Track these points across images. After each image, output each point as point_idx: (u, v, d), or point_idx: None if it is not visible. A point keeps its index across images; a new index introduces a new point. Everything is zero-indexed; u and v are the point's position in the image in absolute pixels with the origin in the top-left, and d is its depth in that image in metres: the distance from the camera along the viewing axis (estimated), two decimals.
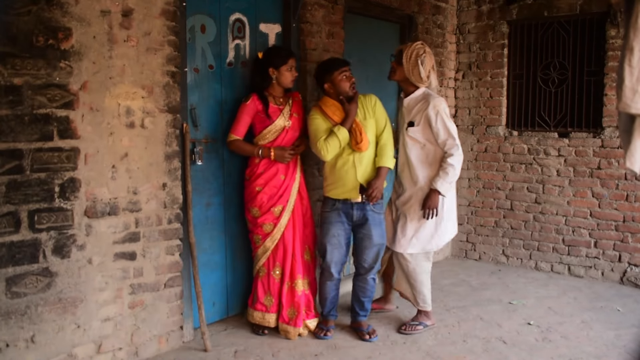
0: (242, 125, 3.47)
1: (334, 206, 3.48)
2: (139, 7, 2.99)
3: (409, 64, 3.55)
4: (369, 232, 3.48)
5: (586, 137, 4.87)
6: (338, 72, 3.41)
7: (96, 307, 2.92)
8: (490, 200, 5.41)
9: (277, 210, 3.48)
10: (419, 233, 3.61)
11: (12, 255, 2.58)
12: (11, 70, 2.53)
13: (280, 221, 3.49)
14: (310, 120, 3.48)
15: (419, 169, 3.58)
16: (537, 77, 5.16)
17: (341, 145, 3.38)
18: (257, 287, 3.56)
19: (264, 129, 3.48)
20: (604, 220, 4.80)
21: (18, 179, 2.58)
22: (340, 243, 3.50)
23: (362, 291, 3.60)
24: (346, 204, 3.46)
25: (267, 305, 3.54)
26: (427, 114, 3.51)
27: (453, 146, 3.48)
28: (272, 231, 3.48)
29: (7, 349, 2.59)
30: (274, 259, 3.52)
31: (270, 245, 3.50)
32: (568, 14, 4.90)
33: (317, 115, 3.46)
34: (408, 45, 3.61)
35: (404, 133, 3.63)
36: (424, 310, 3.74)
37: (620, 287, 4.66)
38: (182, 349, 3.32)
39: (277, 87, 3.54)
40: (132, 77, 2.99)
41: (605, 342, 3.54)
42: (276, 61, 3.49)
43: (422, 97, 3.60)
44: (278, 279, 3.53)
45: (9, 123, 2.55)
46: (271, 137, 3.50)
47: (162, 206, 3.17)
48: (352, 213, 3.46)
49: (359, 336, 3.56)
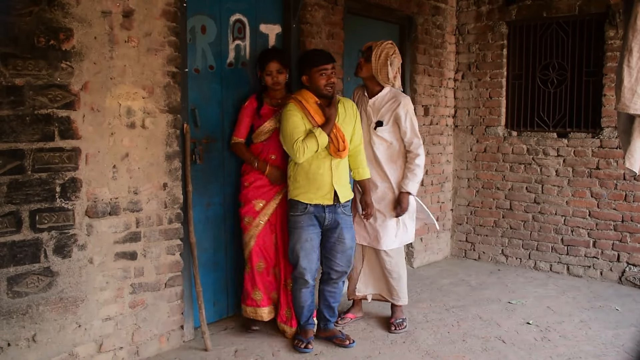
0: (243, 126, 3.53)
1: (305, 210, 3.28)
2: (139, 8, 3.00)
3: (378, 62, 3.53)
4: (342, 236, 3.35)
5: (585, 137, 4.88)
6: (317, 69, 3.24)
7: (97, 307, 2.93)
8: (489, 200, 5.43)
9: (259, 205, 3.48)
10: (400, 228, 3.66)
11: (14, 255, 2.59)
12: (12, 70, 2.54)
13: (260, 216, 3.48)
14: (287, 115, 3.24)
15: (387, 166, 3.63)
16: (536, 77, 5.17)
17: (318, 150, 3.21)
18: (245, 282, 3.58)
19: (258, 129, 3.52)
20: (602, 220, 4.82)
21: (19, 179, 2.59)
22: (313, 247, 3.33)
23: (333, 296, 3.48)
24: (318, 207, 3.29)
25: (257, 299, 3.54)
26: (397, 112, 3.55)
27: (419, 146, 3.58)
28: (251, 224, 3.48)
29: (9, 348, 2.60)
30: (257, 254, 3.51)
31: (248, 239, 3.50)
32: (567, 14, 4.91)
33: (296, 112, 3.24)
34: (378, 43, 3.57)
35: (370, 132, 3.64)
36: (399, 305, 3.77)
37: (619, 286, 4.67)
38: (183, 349, 3.33)
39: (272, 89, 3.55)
40: (133, 77, 3.00)
41: (604, 342, 3.56)
42: (260, 64, 3.56)
43: (392, 96, 3.62)
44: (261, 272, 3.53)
45: (11, 123, 2.55)
46: (263, 137, 3.51)
47: (162, 206, 3.18)
48: (324, 217, 3.30)
49: (337, 344, 3.43)
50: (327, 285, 3.48)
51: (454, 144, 5.63)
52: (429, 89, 5.25)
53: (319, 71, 3.25)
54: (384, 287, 3.80)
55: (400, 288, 3.74)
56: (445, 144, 5.53)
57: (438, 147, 5.44)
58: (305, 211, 3.29)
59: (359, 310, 3.94)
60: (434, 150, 5.38)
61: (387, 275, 3.73)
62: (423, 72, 5.15)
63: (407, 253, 5.24)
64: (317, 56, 3.31)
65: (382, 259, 3.69)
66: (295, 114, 3.23)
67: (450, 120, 5.58)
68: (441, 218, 5.55)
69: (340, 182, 3.33)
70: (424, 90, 5.18)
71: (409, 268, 5.20)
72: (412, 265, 5.23)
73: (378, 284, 3.82)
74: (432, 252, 5.47)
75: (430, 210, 5.34)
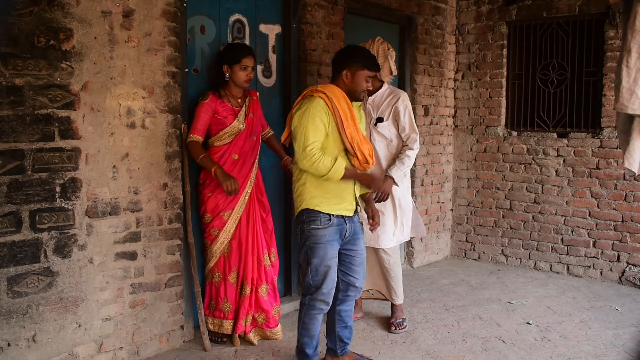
0: (202, 124, 3.25)
1: (329, 222, 2.84)
2: (139, 8, 3.00)
3: (378, 59, 3.56)
4: (359, 247, 3.02)
5: (585, 137, 4.89)
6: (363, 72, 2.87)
7: (97, 307, 2.93)
8: (489, 200, 5.43)
9: (226, 215, 3.31)
10: (397, 227, 3.67)
11: (14, 255, 2.59)
12: (12, 70, 2.55)
13: (227, 225, 3.31)
14: (313, 112, 2.76)
15: (386, 164, 3.65)
16: (536, 77, 5.17)
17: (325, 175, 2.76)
18: (213, 292, 3.40)
19: (220, 131, 3.30)
20: (602, 220, 4.82)
21: (19, 179, 2.60)
22: (335, 267, 2.92)
23: (350, 315, 3.10)
24: (340, 219, 2.88)
25: (225, 311, 3.37)
26: (396, 107, 3.59)
27: (415, 141, 3.61)
28: (218, 235, 3.31)
29: (9, 348, 2.60)
30: (229, 264, 3.35)
31: (217, 250, 3.32)
32: (567, 14, 4.91)
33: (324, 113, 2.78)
34: (369, 42, 3.64)
35: (370, 129, 3.65)
36: (398, 304, 3.79)
37: (619, 286, 4.67)
38: (183, 348, 3.33)
39: (233, 86, 3.35)
40: (133, 77, 3.00)
41: (604, 342, 3.56)
42: (230, 59, 3.30)
43: (390, 92, 3.66)
44: (235, 285, 3.37)
45: (11, 123, 2.56)
46: (227, 140, 3.31)
47: (162, 206, 3.18)
48: (346, 228, 2.91)
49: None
50: (344, 305, 3.06)
51: (454, 144, 5.63)
52: (429, 89, 5.25)
53: (365, 75, 2.89)
54: (382, 285, 3.82)
55: (398, 286, 3.77)
56: (445, 144, 5.53)
57: (438, 147, 5.44)
58: (330, 224, 2.84)
59: (359, 310, 3.94)
60: (434, 150, 5.38)
61: (385, 274, 3.75)
62: (423, 72, 5.15)
63: (407, 253, 5.24)
64: (369, 59, 2.93)
65: (380, 257, 3.71)
66: (323, 115, 2.76)
67: (450, 120, 5.58)
68: (441, 218, 5.55)
69: (360, 190, 3.00)
70: (424, 90, 5.18)
71: (409, 268, 5.20)
72: (412, 265, 5.23)
73: (376, 281, 3.84)
74: (432, 252, 5.48)
75: (430, 210, 5.39)
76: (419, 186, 5.20)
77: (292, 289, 4.14)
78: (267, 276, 3.45)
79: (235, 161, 3.34)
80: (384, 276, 3.77)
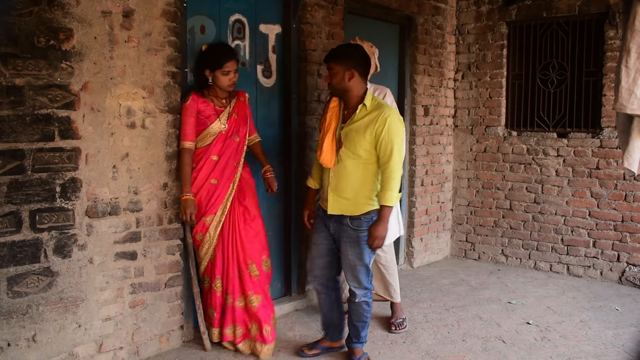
0: (189, 127, 3.19)
1: (317, 212, 3.23)
2: (139, 8, 3.00)
3: None
4: (344, 249, 3.08)
5: (585, 137, 4.89)
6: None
7: (97, 307, 2.93)
8: (489, 200, 5.43)
9: (208, 220, 3.23)
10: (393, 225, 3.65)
11: (14, 255, 2.59)
12: (13, 70, 2.55)
13: (209, 231, 3.23)
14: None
15: None
16: (536, 77, 5.17)
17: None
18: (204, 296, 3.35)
19: (203, 131, 3.24)
20: (602, 220, 4.82)
21: (19, 179, 2.60)
22: (320, 252, 3.17)
23: (354, 314, 3.17)
24: (325, 212, 3.11)
25: (211, 318, 3.32)
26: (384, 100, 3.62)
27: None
28: (203, 240, 3.25)
29: (9, 348, 2.60)
30: (214, 272, 3.27)
31: (204, 254, 3.27)
32: (567, 14, 4.91)
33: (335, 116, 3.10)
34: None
35: None
36: (397, 303, 3.80)
37: (619, 286, 4.68)
38: (183, 348, 3.33)
39: (217, 88, 3.28)
40: (133, 77, 3.01)
41: (604, 342, 3.56)
42: (212, 63, 3.22)
43: (374, 89, 3.68)
44: (220, 293, 3.29)
45: (11, 123, 2.56)
46: (209, 141, 3.24)
47: (162, 206, 3.19)
48: (328, 224, 3.11)
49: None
50: (349, 302, 3.20)
51: (454, 144, 5.63)
52: (429, 89, 5.25)
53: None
54: (380, 285, 3.82)
55: (395, 284, 3.79)
56: (445, 144, 5.53)
57: (438, 147, 5.44)
58: (317, 214, 3.22)
59: None
60: (434, 150, 5.39)
61: (383, 272, 3.76)
62: (423, 72, 5.15)
63: (407, 253, 5.25)
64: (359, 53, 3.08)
65: (377, 255, 3.72)
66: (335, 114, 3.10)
67: (450, 120, 5.59)
68: (441, 218, 5.55)
69: (338, 191, 3.04)
70: (424, 90, 5.18)
71: (409, 268, 5.21)
72: (412, 265, 5.23)
73: (374, 282, 3.84)
74: (432, 252, 5.48)
75: (430, 210, 5.39)
76: (419, 186, 5.20)
77: (292, 289, 4.14)
78: (255, 286, 3.27)
79: (214, 163, 3.25)
80: (382, 274, 3.77)
